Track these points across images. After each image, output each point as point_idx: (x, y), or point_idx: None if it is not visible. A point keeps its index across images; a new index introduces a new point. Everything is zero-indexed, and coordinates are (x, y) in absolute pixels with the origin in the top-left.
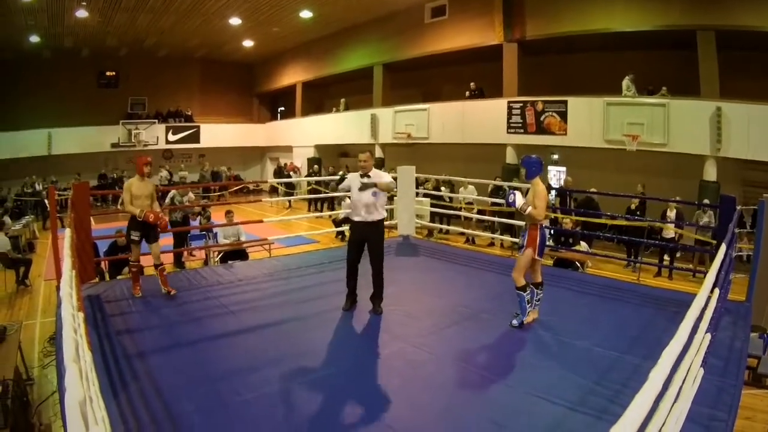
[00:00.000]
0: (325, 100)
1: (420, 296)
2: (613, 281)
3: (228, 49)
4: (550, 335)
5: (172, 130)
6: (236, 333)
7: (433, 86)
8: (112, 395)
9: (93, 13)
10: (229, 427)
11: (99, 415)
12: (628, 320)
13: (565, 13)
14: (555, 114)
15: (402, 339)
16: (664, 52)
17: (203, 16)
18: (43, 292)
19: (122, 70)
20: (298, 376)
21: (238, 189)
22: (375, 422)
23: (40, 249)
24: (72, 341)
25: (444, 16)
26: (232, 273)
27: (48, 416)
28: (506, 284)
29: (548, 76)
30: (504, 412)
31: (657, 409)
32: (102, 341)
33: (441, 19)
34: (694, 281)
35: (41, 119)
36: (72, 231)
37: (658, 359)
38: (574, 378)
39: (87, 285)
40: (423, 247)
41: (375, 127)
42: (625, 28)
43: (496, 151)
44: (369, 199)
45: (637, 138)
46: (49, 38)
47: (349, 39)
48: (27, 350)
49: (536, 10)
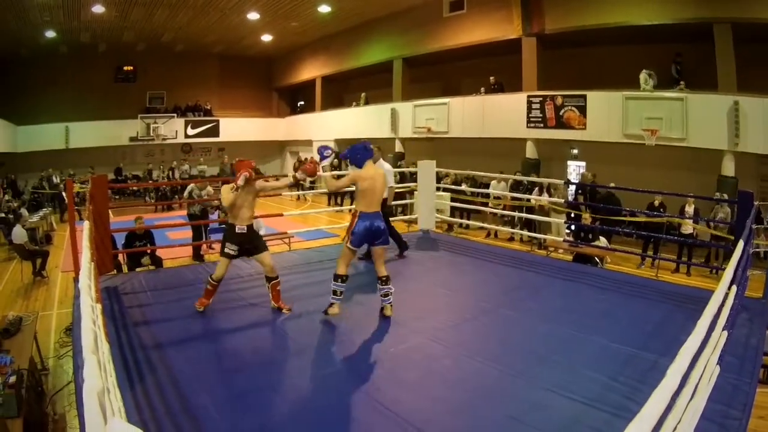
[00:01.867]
0: (345, 94)
1: (439, 290)
2: (631, 277)
3: (246, 44)
4: (569, 330)
5: (191, 124)
6: (255, 326)
7: (452, 80)
8: (129, 386)
9: (109, 9)
10: (246, 420)
11: (116, 406)
12: (646, 316)
13: (583, 7)
14: (574, 108)
15: (420, 333)
16: (681, 46)
17: (220, 11)
18: (60, 284)
19: (140, 64)
20: (315, 369)
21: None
22: (392, 416)
23: (57, 241)
24: (91, 332)
25: (462, 10)
26: (252, 266)
27: (62, 406)
28: (525, 279)
29: (567, 70)
30: (521, 407)
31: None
32: (119, 333)
33: (459, 13)
34: (711, 277)
35: (59, 113)
36: (91, 223)
37: (675, 356)
38: (592, 374)
39: (105, 277)
40: (443, 242)
41: (395, 121)
42: (642, 21)
43: (515, 146)
44: None
45: (656, 133)
46: (65, 33)
47: (369, 33)
48: (43, 341)
49: (554, 3)
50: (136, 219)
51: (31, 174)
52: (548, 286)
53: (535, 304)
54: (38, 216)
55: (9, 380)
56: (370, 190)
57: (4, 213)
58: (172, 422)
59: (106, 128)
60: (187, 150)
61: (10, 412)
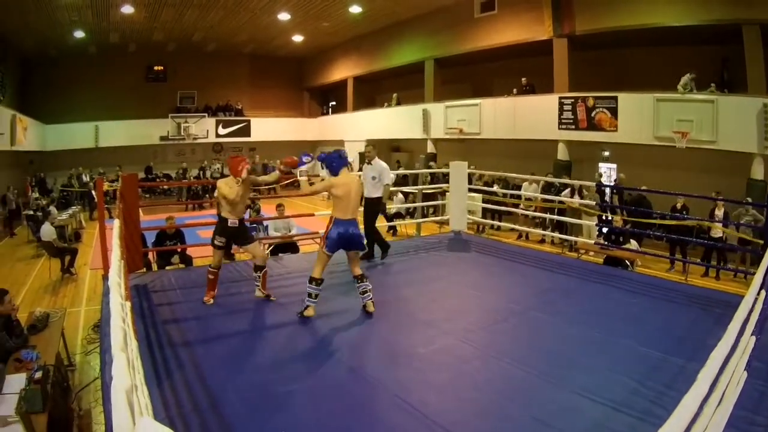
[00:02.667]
0: (377, 94)
1: (469, 292)
2: (661, 280)
3: (277, 44)
4: (598, 333)
5: (222, 124)
6: (284, 324)
7: (483, 81)
8: (156, 383)
9: (139, 9)
10: (273, 417)
11: (143, 403)
12: (674, 320)
13: (612, 8)
14: (605, 110)
15: (450, 334)
16: (710, 48)
17: (251, 12)
18: (89, 281)
19: (170, 64)
20: (344, 368)
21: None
22: (420, 416)
23: (86, 239)
24: (120, 330)
25: (493, 11)
26: (282, 265)
27: (88, 402)
28: (556, 281)
29: (598, 72)
30: (548, 410)
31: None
32: (148, 330)
33: (490, 14)
34: (738, 281)
35: (88, 112)
36: (121, 222)
37: (702, 361)
38: (619, 378)
39: (134, 275)
40: (474, 243)
41: (427, 122)
42: (670, 22)
43: (546, 147)
44: (369, 182)
45: (686, 135)
46: (94, 34)
47: (400, 34)
48: (70, 337)
49: (584, 4)
50: (167, 219)
51: (60, 172)
52: (579, 289)
53: (565, 306)
54: (67, 214)
55: (35, 376)
56: (345, 197)
57: (33, 210)
58: (199, 419)
59: (137, 127)
60: (218, 149)
61: (35, 407)
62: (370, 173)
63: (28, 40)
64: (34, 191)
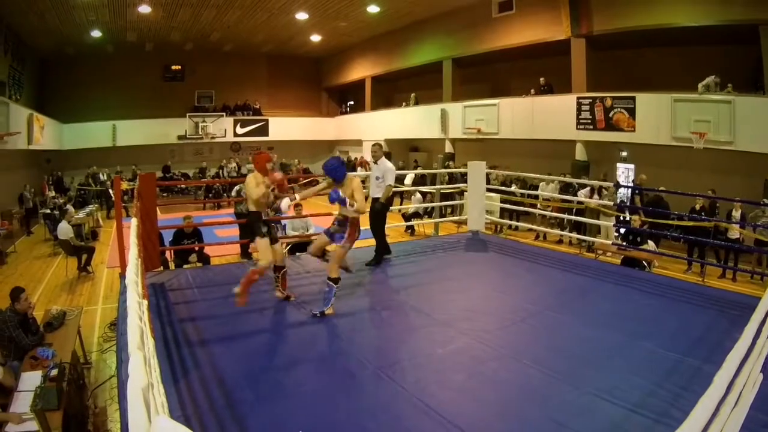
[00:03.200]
0: (395, 94)
1: (487, 292)
2: (678, 281)
3: (295, 44)
4: (615, 335)
5: (240, 123)
6: (301, 324)
7: (501, 81)
8: (173, 382)
9: (156, 9)
10: (289, 417)
11: (159, 401)
12: (691, 322)
13: (630, 8)
14: (623, 110)
15: (467, 334)
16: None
17: (268, 12)
18: (106, 279)
19: (188, 64)
20: (361, 368)
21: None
22: (437, 417)
23: (103, 237)
24: (137, 329)
25: (511, 11)
26: (300, 264)
27: (104, 399)
28: (573, 282)
29: (616, 72)
30: (565, 411)
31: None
32: (165, 328)
33: (508, 14)
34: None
35: (105, 112)
36: (138, 220)
37: (719, 362)
38: (636, 379)
39: (151, 273)
40: (492, 243)
41: (445, 121)
42: (688, 22)
43: (565, 147)
44: (373, 182)
45: (704, 136)
46: (112, 33)
47: (418, 33)
48: (87, 335)
49: (602, 4)
50: (185, 218)
51: (77, 171)
52: (596, 290)
53: (583, 307)
54: (84, 212)
55: (50, 373)
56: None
57: (50, 209)
58: (215, 418)
59: (154, 126)
60: (236, 149)
61: (50, 404)
62: (375, 173)
63: (45, 39)
64: (51, 190)
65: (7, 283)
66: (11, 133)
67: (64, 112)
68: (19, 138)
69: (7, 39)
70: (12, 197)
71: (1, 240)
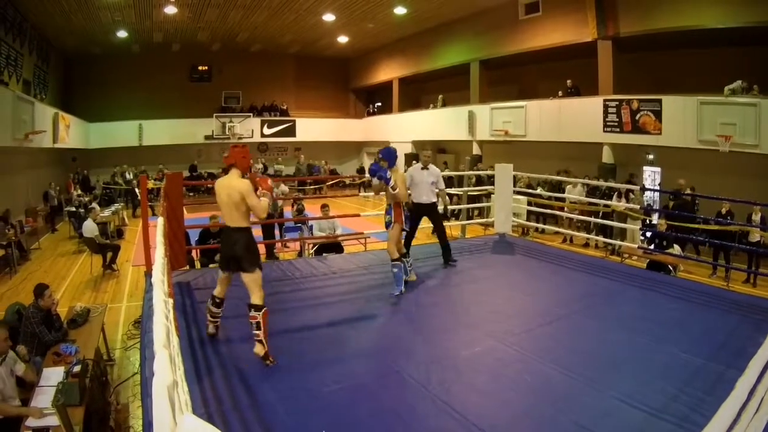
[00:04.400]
0: (422, 95)
1: (513, 294)
2: (703, 286)
3: (322, 45)
4: (639, 339)
5: (267, 123)
6: (328, 324)
7: (528, 83)
8: (196, 380)
9: (182, 9)
10: (313, 417)
11: (182, 399)
12: (715, 326)
13: (656, 10)
14: (650, 113)
15: (493, 336)
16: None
17: (295, 13)
18: (131, 277)
19: (215, 64)
20: (385, 369)
21: (334, 183)
22: (460, 419)
23: (129, 236)
24: (163, 326)
25: (538, 13)
26: (327, 265)
27: (126, 396)
28: (599, 285)
29: (643, 74)
30: (588, 414)
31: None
32: (190, 327)
33: (535, 16)
34: None
35: (132, 111)
36: (165, 219)
37: (741, 367)
38: (659, 383)
39: (177, 272)
40: (519, 246)
41: (472, 123)
42: (714, 24)
43: (592, 150)
44: (429, 186)
45: (729, 139)
46: (138, 33)
47: (445, 35)
48: (111, 332)
49: (628, 6)
50: (211, 217)
51: (103, 170)
52: (622, 294)
53: (608, 311)
54: (110, 211)
55: (73, 369)
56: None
57: (75, 207)
58: (239, 417)
59: (181, 126)
60: (264, 149)
61: (72, 400)
62: (429, 178)
63: (70, 39)
64: (77, 188)
65: (31, 279)
66: (36, 132)
67: (90, 112)
68: (44, 137)
69: (32, 39)
70: (37, 195)
71: (26, 237)
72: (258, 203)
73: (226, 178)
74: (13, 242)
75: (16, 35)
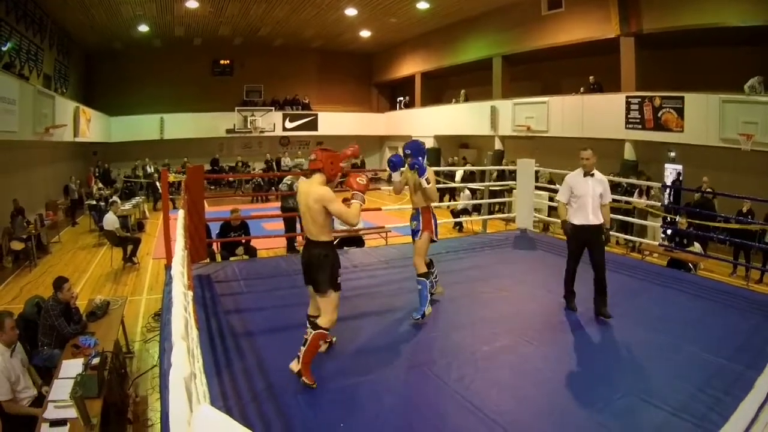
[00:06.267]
0: (445, 90)
1: (534, 290)
2: (723, 284)
3: (345, 39)
4: (659, 337)
5: (289, 117)
6: (348, 318)
7: (551, 79)
8: (215, 373)
9: (203, 4)
10: (333, 411)
11: (201, 391)
12: (735, 326)
13: (679, 7)
14: (672, 110)
15: (514, 333)
16: None
17: (317, 7)
18: (151, 270)
19: (237, 58)
20: (406, 364)
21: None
22: (480, 415)
23: (149, 229)
24: (182, 319)
25: (560, 9)
26: (347, 259)
27: (145, 389)
28: (619, 282)
29: (665, 71)
30: (607, 412)
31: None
32: (209, 319)
33: (558, 12)
34: None
35: (153, 105)
36: (185, 212)
37: (761, 368)
38: (679, 383)
39: (198, 265)
40: (540, 241)
41: (495, 119)
42: (737, 22)
43: (614, 147)
44: (596, 201)
45: (751, 137)
46: (159, 27)
47: (468, 30)
48: (130, 325)
49: (651, 3)
50: (232, 211)
51: (124, 163)
52: (642, 291)
53: (628, 308)
54: (131, 204)
55: (92, 362)
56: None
57: (96, 200)
58: (257, 410)
59: (203, 120)
60: (285, 143)
61: (90, 392)
62: (597, 188)
63: (91, 34)
64: (98, 182)
65: (51, 272)
66: (57, 126)
67: (111, 106)
68: (65, 130)
69: (53, 34)
70: (58, 188)
71: (46, 230)
72: (345, 211)
73: (306, 183)
74: (33, 236)
75: (37, 31)
